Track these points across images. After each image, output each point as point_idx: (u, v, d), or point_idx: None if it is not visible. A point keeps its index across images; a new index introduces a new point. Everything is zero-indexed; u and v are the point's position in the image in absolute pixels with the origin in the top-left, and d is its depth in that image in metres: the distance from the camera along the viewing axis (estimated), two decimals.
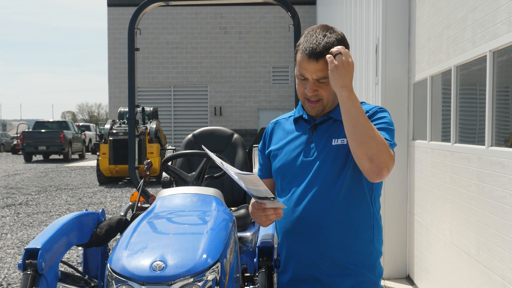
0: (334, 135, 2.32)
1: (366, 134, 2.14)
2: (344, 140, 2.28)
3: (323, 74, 2.24)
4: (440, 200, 4.91)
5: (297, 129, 2.43)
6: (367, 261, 2.33)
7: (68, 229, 3.16)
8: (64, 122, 29.36)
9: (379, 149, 2.14)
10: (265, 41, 25.31)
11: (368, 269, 2.34)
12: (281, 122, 2.52)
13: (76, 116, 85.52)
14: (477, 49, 4.01)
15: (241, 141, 4.78)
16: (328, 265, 2.30)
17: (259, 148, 2.58)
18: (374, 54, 6.74)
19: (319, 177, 2.30)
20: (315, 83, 2.27)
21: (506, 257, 3.47)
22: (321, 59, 2.23)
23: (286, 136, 2.45)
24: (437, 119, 5.25)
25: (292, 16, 4.75)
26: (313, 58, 2.23)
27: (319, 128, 2.36)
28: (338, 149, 2.29)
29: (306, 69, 2.26)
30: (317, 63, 2.23)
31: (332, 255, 2.30)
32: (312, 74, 2.26)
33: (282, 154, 2.41)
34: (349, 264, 2.30)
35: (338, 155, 2.28)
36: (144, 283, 2.43)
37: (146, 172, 4.06)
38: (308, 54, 2.24)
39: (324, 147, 2.31)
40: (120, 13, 25.35)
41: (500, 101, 3.78)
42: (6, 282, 6.30)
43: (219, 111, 25.62)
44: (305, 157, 2.34)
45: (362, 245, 2.31)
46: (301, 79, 2.30)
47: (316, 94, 2.29)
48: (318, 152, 2.32)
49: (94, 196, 13.55)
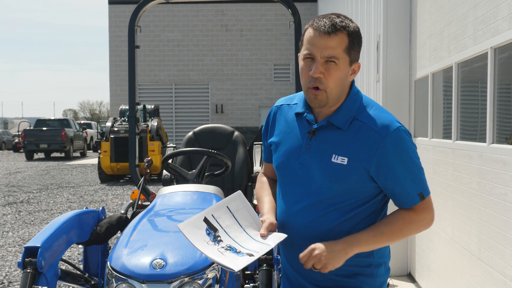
0: (335, 150, 2.10)
1: (399, 238, 2.16)
2: (344, 159, 2.07)
3: (333, 52, 2.03)
4: (441, 198, 4.90)
5: (298, 126, 2.23)
6: (365, 272, 2.19)
7: (68, 227, 3.16)
8: (66, 120, 29.37)
9: (417, 230, 2.17)
10: (267, 38, 25.29)
11: (366, 280, 2.20)
12: (284, 109, 2.30)
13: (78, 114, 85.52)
14: (478, 46, 4.00)
15: (241, 138, 4.77)
16: (317, 277, 2.18)
17: (262, 130, 2.41)
18: (375, 51, 6.73)
19: (314, 189, 2.13)
20: (322, 64, 2.04)
21: (507, 255, 3.46)
22: (334, 35, 2.03)
23: (286, 130, 2.26)
24: (438, 116, 5.24)
25: (293, 13, 4.74)
26: (326, 32, 2.03)
27: (319, 134, 2.14)
28: (338, 170, 2.08)
29: (315, 45, 2.05)
30: (329, 38, 2.03)
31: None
32: (321, 51, 2.04)
33: (280, 152, 2.25)
34: (340, 277, 2.17)
35: (337, 177, 2.08)
36: (144, 281, 2.43)
37: (146, 170, 4.06)
38: (320, 28, 2.04)
39: (322, 160, 2.11)
40: (121, 10, 25.34)
41: (501, 98, 3.76)
42: (8, 280, 6.30)
43: (221, 109, 25.61)
44: (302, 163, 2.16)
45: (356, 259, 2.13)
46: (308, 58, 2.07)
47: (321, 78, 2.05)
48: (316, 164, 2.12)
49: (96, 194, 13.55)
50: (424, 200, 2.11)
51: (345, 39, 2.05)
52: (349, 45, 2.06)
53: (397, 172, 2.07)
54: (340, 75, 2.07)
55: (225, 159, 3.80)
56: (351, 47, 2.07)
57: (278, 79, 25.44)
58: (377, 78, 6.57)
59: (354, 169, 2.07)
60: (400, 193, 2.10)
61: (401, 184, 2.08)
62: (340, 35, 2.04)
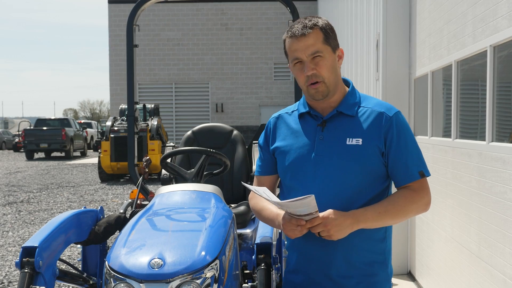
0: (348, 133, 2.26)
1: (401, 217, 2.28)
2: (359, 140, 2.24)
3: (315, 47, 2.24)
4: (441, 196, 4.89)
5: (304, 125, 2.36)
6: (380, 260, 2.33)
7: (66, 227, 3.15)
8: (66, 120, 29.38)
9: (417, 210, 2.30)
10: (267, 37, 25.27)
11: (381, 267, 2.33)
12: (284, 117, 2.44)
13: (78, 114, 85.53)
14: (477, 44, 3.99)
15: (240, 137, 4.76)
16: (342, 266, 2.27)
17: (259, 143, 2.51)
18: (375, 49, 6.72)
19: (334, 175, 2.25)
20: (311, 62, 2.24)
21: (506, 253, 3.46)
22: (309, 34, 2.24)
23: (292, 132, 2.37)
24: (438, 114, 5.23)
25: (292, 11, 4.74)
26: (301, 34, 2.24)
27: (329, 124, 2.30)
28: (354, 150, 2.24)
29: (298, 49, 2.25)
30: (306, 38, 2.23)
31: (346, 255, 2.28)
32: (305, 51, 2.24)
33: (291, 151, 2.34)
34: (363, 264, 2.29)
35: (354, 156, 2.24)
36: (142, 280, 2.42)
37: (145, 169, 4.05)
38: (295, 33, 2.25)
39: (337, 145, 2.26)
40: (121, 9, 25.32)
41: (500, 96, 3.75)
42: (7, 280, 6.30)
43: (221, 108, 25.60)
44: (317, 154, 2.28)
45: (374, 244, 2.30)
46: (297, 63, 2.27)
47: (315, 73, 2.24)
48: (332, 150, 2.27)
49: (96, 194, 13.55)
50: (423, 179, 2.29)
51: (319, 33, 2.25)
52: (325, 36, 2.26)
53: (401, 146, 2.26)
54: (329, 63, 2.26)
55: (224, 158, 3.79)
56: (327, 38, 2.27)
57: (278, 78, 25.43)
58: (377, 76, 6.56)
59: (369, 148, 2.25)
60: (402, 167, 2.27)
61: (404, 158, 2.26)
62: (314, 31, 2.25)
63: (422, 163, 2.30)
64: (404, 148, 2.26)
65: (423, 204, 2.29)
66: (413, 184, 2.28)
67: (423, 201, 2.28)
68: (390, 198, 2.29)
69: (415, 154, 2.29)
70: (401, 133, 2.26)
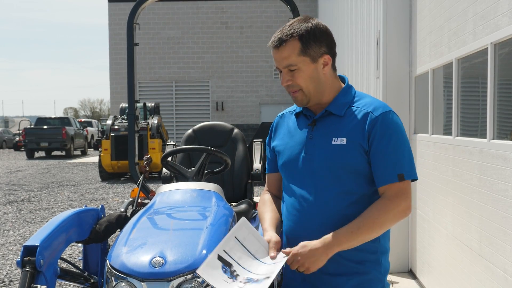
0: (334, 133, 2.26)
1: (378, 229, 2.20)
2: (343, 139, 2.23)
3: (288, 61, 2.22)
4: (442, 194, 4.89)
5: (298, 124, 2.40)
6: (371, 259, 2.30)
7: (67, 226, 3.14)
8: (66, 119, 29.37)
9: (394, 219, 2.21)
10: (267, 35, 25.25)
11: (373, 266, 2.31)
12: (286, 116, 2.49)
13: (78, 112, 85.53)
14: (478, 42, 3.98)
15: (241, 136, 4.76)
16: (333, 263, 2.25)
17: (266, 142, 2.56)
18: (375, 47, 6.72)
19: (320, 175, 2.26)
20: (287, 73, 2.25)
21: (508, 251, 3.45)
22: (282, 46, 2.21)
23: (289, 132, 2.42)
24: (439, 112, 5.22)
25: (292, 9, 4.73)
26: (276, 46, 2.22)
27: (319, 124, 2.32)
28: (338, 149, 2.23)
29: (275, 59, 2.26)
30: (279, 50, 2.22)
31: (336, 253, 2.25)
32: (280, 63, 2.24)
33: (285, 150, 2.39)
34: (353, 263, 2.28)
35: (338, 155, 2.23)
36: (143, 279, 2.42)
37: (145, 168, 4.04)
38: (273, 44, 2.24)
39: (324, 145, 2.27)
40: (120, 8, 25.33)
41: (501, 94, 3.75)
42: (8, 279, 6.31)
43: (221, 106, 25.60)
44: (306, 153, 2.30)
45: (366, 244, 2.25)
46: (279, 72, 2.30)
47: (291, 84, 2.26)
48: (318, 150, 2.27)
49: (96, 192, 13.55)
50: (401, 183, 2.20)
51: (297, 44, 2.19)
52: (302, 47, 2.20)
53: (382, 145, 2.19)
54: (307, 74, 2.24)
55: (225, 157, 3.79)
56: (306, 47, 2.20)
57: (279, 76, 25.43)
58: (377, 74, 6.55)
59: (352, 147, 2.22)
60: (380, 167, 2.20)
61: (384, 159, 2.20)
62: (290, 43, 2.19)
63: (404, 166, 2.21)
64: (385, 148, 2.20)
65: (399, 212, 2.20)
66: (390, 187, 2.20)
67: (399, 208, 2.19)
68: (363, 213, 2.20)
69: (399, 156, 2.20)
70: (386, 133, 2.20)
